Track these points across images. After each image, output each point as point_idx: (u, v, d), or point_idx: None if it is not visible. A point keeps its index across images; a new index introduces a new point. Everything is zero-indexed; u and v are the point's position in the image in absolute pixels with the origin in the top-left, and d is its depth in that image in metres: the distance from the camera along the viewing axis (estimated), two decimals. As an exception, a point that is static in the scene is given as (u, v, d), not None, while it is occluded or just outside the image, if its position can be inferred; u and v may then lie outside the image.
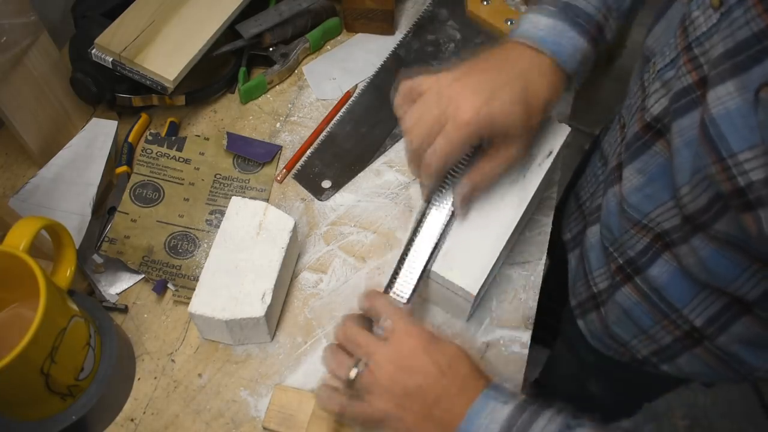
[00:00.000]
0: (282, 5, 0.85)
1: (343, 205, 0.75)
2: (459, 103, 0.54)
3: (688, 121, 0.49)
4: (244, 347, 0.66)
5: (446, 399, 0.49)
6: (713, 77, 0.45)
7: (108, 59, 0.75)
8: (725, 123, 0.43)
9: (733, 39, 0.43)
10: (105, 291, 0.68)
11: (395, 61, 0.86)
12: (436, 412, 0.49)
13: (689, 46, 0.50)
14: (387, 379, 0.50)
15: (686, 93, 0.50)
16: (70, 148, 0.76)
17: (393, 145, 0.79)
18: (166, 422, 0.62)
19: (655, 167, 0.56)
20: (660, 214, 0.57)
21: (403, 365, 0.50)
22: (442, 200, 0.62)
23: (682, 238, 0.55)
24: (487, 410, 0.48)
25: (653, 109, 0.56)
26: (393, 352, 0.51)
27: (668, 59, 0.54)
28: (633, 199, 0.59)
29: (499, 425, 0.47)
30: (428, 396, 0.49)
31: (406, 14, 0.91)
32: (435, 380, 0.50)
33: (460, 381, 0.50)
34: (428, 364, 0.50)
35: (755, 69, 0.41)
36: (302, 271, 0.70)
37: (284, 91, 0.84)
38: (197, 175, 0.76)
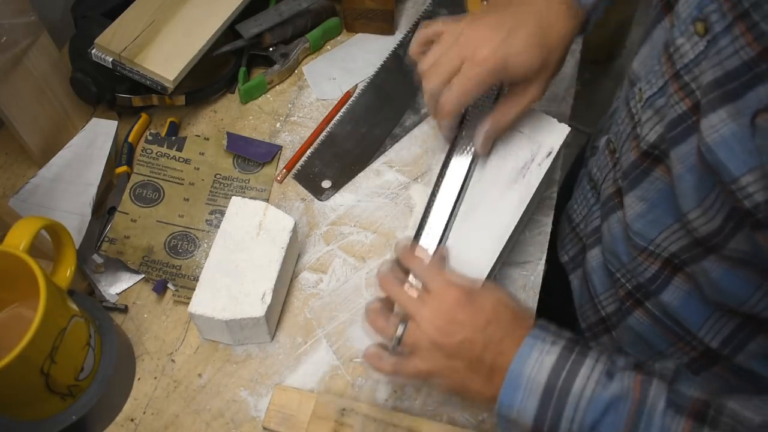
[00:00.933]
0: (282, 5, 0.85)
1: (343, 205, 0.75)
2: (476, 43, 0.54)
3: (688, 147, 0.49)
4: (244, 347, 0.66)
5: (493, 346, 0.50)
6: (704, 105, 0.45)
7: (108, 59, 0.75)
8: (722, 150, 0.43)
9: (722, 68, 0.43)
10: (105, 291, 0.68)
11: (395, 61, 0.86)
12: (485, 360, 0.50)
13: (678, 73, 0.50)
14: (434, 333, 0.51)
15: (682, 120, 0.50)
16: (70, 148, 0.76)
17: (393, 145, 0.79)
18: (166, 422, 0.62)
19: (656, 193, 0.56)
20: (666, 238, 0.57)
21: (447, 318, 0.51)
22: (464, 147, 0.62)
23: (693, 259, 0.55)
24: (536, 352, 0.49)
25: (648, 137, 0.55)
26: (436, 306, 0.52)
27: (656, 87, 0.54)
28: (637, 225, 0.59)
29: (548, 370, 0.48)
30: (476, 346, 0.50)
31: (406, 14, 0.91)
32: (481, 330, 0.50)
33: (505, 326, 0.51)
34: (472, 315, 0.51)
35: (749, 95, 0.41)
36: (302, 271, 0.70)
37: (284, 91, 0.84)
38: (197, 175, 0.76)
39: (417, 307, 0.52)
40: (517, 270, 0.70)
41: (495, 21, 0.56)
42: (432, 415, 0.62)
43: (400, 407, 0.62)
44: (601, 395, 0.47)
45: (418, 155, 0.78)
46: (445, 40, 0.57)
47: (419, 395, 0.63)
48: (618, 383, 0.47)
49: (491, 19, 0.56)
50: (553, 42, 0.56)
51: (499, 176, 0.63)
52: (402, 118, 0.80)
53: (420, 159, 0.78)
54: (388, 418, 0.60)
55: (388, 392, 0.63)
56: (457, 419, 0.62)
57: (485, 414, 0.62)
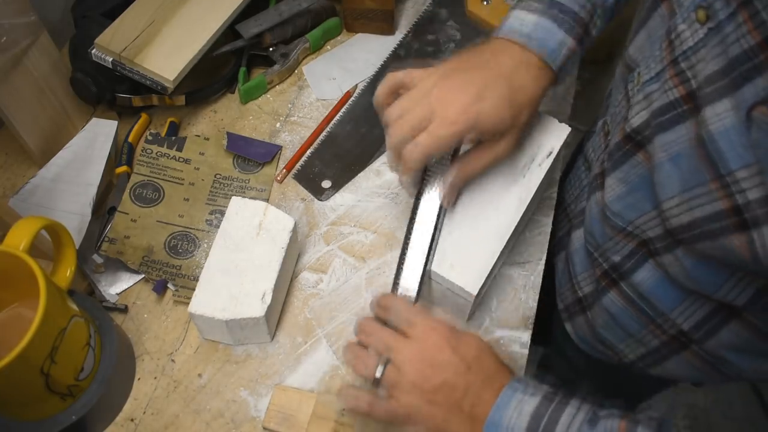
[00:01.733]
0: (282, 5, 0.85)
1: (343, 205, 0.75)
2: (446, 102, 0.54)
3: (674, 135, 0.49)
4: (244, 347, 0.66)
5: (473, 392, 0.50)
6: (709, 94, 0.45)
7: (108, 59, 0.75)
8: (723, 140, 0.43)
9: (726, 56, 0.43)
10: (105, 291, 0.68)
11: (395, 61, 0.86)
12: (464, 406, 0.49)
13: (675, 60, 0.50)
14: (414, 374, 0.50)
15: (672, 107, 0.50)
16: (70, 148, 0.76)
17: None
18: (166, 422, 0.62)
19: (636, 177, 0.56)
20: (644, 222, 0.57)
21: (428, 361, 0.51)
22: (431, 194, 0.62)
23: (666, 248, 0.55)
24: (515, 401, 0.49)
25: (633, 120, 0.56)
26: (417, 348, 0.51)
27: (653, 72, 0.54)
28: (616, 206, 0.59)
29: (528, 416, 0.48)
30: (456, 390, 0.50)
31: (406, 14, 0.91)
32: (461, 374, 0.50)
33: (485, 373, 0.51)
34: (454, 358, 0.51)
35: (746, 87, 0.41)
36: (302, 271, 0.70)
37: (284, 91, 0.84)
38: (197, 175, 0.76)
39: (400, 344, 0.52)
40: (517, 270, 0.70)
41: (466, 81, 0.55)
42: (432, 415, 0.62)
43: (400, 407, 0.62)
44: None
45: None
46: (413, 94, 0.56)
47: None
48: (602, 430, 0.47)
49: (462, 79, 0.56)
50: (523, 101, 0.57)
51: (499, 176, 0.63)
52: (402, 118, 0.80)
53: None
54: (388, 418, 0.60)
55: (388, 392, 0.63)
56: (457, 419, 0.62)
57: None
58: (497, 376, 0.51)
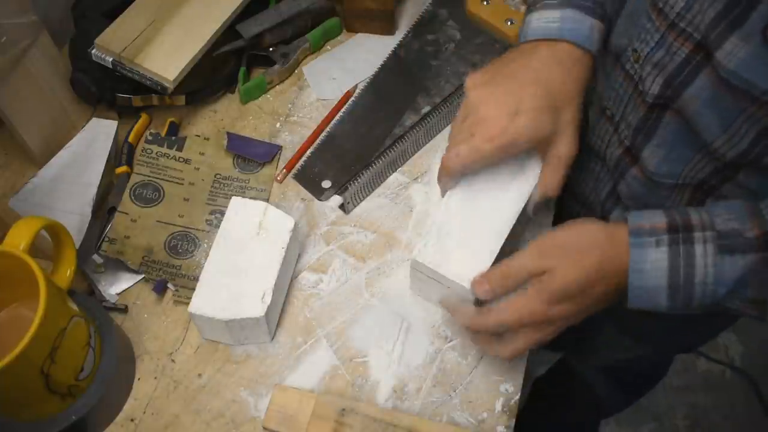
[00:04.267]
0: (282, 5, 0.85)
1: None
2: (487, 117, 0.57)
3: (699, 84, 0.53)
4: (244, 347, 0.66)
5: (605, 281, 0.53)
6: (715, 38, 0.49)
7: (108, 59, 0.75)
8: (745, 71, 0.48)
9: (721, 1, 0.48)
10: (105, 291, 0.68)
11: (395, 61, 0.86)
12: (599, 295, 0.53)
13: (672, 23, 0.54)
14: (541, 323, 0.54)
15: (687, 62, 0.54)
16: (70, 148, 0.76)
17: (393, 146, 0.79)
18: (166, 422, 0.62)
19: (671, 134, 0.59)
20: (691, 169, 0.60)
21: (553, 298, 0.53)
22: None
23: (723, 180, 0.59)
24: (649, 263, 0.52)
25: (652, 89, 0.58)
26: (537, 296, 0.53)
27: (653, 42, 0.57)
28: (663, 169, 0.62)
29: (666, 272, 0.51)
30: (584, 307, 0.54)
31: (406, 14, 0.91)
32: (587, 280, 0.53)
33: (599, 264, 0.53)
34: (568, 282, 0.53)
35: (753, 16, 0.46)
36: (302, 271, 0.70)
37: (284, 91, 0.84)
38: (197, 175, 0.76)
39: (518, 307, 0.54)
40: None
41: (505, 93, 0.58)
42: (432, 415, 0.62)
43: (400, 407, 0.62)
44: (725, 275, 0.50)
45: (419, 155, 0.78)
46: (458, 116, 0.60)
47: (419, 395, 0.63)
48: (740, 266, 0.50)
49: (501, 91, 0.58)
50: (564, 100, 0.59)
51: (499, 171, 0.63)
52: (402, 118, 0.80)
53: (420, 159, 0.78)
54: (388, 418, 0.60)
55: (388, 392, 0.63)
56: (457, 419, 0.62)
57: (485, 414, 0.62)
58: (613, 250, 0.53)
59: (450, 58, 0.85)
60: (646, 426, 1.46)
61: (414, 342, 0.66)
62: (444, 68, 0.84)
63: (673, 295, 0.51)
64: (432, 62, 0.85)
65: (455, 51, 0.86)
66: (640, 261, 0.52)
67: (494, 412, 0.62)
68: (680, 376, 1.48)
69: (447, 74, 0.83)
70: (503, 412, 0.62)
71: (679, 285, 0.51)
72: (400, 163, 0.78)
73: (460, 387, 0.63)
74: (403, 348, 0.66)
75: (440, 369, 0.64)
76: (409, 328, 0.67)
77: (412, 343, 0.66)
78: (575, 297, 0.53)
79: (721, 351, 1.55)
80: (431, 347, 0.66)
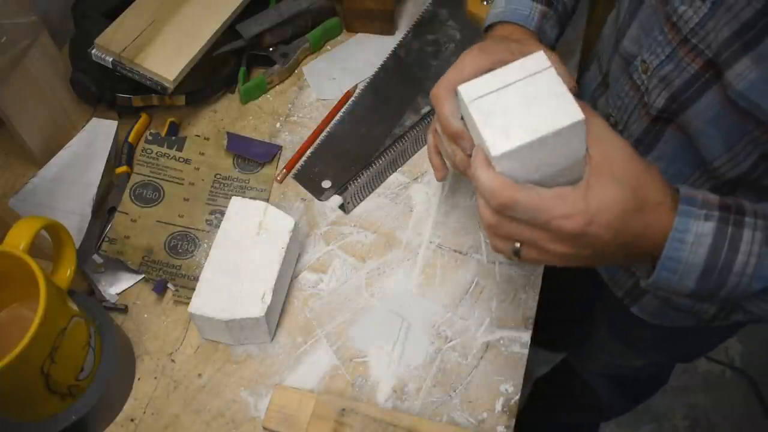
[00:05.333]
0: (282, 5, 0.85)
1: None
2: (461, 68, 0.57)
3: (705, 102, 0.53)
4: (244, 347, 0.66)
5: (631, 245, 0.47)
6: (727, 58, 0.49)
7: (108, 59, 0.75)
8: (754, 93, 0.47)
9: (738, 20, 0.47)
10: (105, 291, 0.68)
11: (395, 61, 0.86)
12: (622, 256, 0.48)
13: (685, 38, 0.53)
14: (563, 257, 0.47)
15: (696, 79, 0.53)
16: (70, 148, 0.76)
17: (393, 146, 0.79)
18: (166, 422, 0.62)
19: (671, 149, 0.59)
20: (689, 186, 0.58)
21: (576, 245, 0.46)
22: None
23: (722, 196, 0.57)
24: (692, 235, 0.46)
25: (657, 103, 0.58)
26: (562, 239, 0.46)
27: (663, 55, 0.56)
28: None
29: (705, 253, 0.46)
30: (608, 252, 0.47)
31: (406, 14, 0.91)
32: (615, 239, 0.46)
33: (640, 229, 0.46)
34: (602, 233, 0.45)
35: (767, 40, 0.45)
36: (302, 271, 0.70)
37: (284, 91, 0.84)
38: (197, 175, 0.76)
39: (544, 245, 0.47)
40: (517, 270, 0.70)
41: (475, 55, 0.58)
42: (432, 415, 0.62)
43: (400, 407, 0.62)
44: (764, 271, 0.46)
45: (419, 155, 0.78)
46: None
47: (419, 395, 0.63)
48: None
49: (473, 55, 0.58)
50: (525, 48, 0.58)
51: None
52: (402, 118, 0.80)
53: (420, 159, 0.78)
54: (388, 418, 0.60)
55: (388, 392, 0.63)
56: (457, 419, 0.62)
57: (485, 414, 0.62)
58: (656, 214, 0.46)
59: (450, 58, 0.85)
60: (645, 426, 1.46)
61: (414, 342, 0.66)
62: (444, 68, 0.84)
63: (705, 278, 0.47)
64: (432, 62, 0.85)
65: (455, 51, 0.86)
66: (683, 230, 0.46)
67: (494, 412, 0.62)
68: (680, 377, 1.48)
69: (447, 74, 0.84)
70: (503, 412, 0.62)
71: (715, 268, 0.46)
72: (400, 163, 0.78)
73: (460, 387, 0.63)
74: (403, 348, 0.66)
75: (440, 369, 0.64)
76: (409, 328, 0.67)
77: (412, 343, 0.66)
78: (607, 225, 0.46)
79: (721, 351, 1.55)
80: (431, 347, 0.66)
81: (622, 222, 0.46)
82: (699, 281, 0.47)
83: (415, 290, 0.69)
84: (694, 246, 0.46)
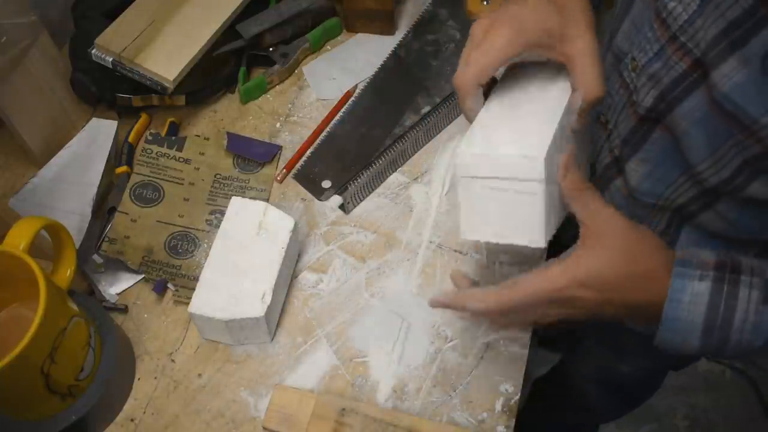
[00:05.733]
0: (282, 5, 0.85)
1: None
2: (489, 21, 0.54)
3: (692, 103, 0.52)
4: (244, 347, 0.66)
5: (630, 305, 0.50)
6: (713, 58, 0.47)
7: (108, 59, 0.75)
8: (738, 95, 0.46)
9: (725, 19, 0.46)
10: (105, 291, 0.68)
11: (395, 61, 0.86)
12: (624, 312, 0.50)
13: (674, 36, 0.52)
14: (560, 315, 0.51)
15: (683, 78, 0.52)
16: (70, 148, 0.76)
17: (393, 146, 0.79)
18: (166, 422, 0.62)
19: (658, 151, 0.58)
20: (673, 191, 0.59)
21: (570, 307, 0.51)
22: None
23: (704, 207, 0.57)
24: (688, 295, 0.48)
25: (645, 102, 0.57)
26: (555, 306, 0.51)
27: (651, 53, 0.55)
28: (644, 186, 0.61)
29: (704, 308, 0.48)
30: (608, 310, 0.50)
31: (406, 14, 0.91)
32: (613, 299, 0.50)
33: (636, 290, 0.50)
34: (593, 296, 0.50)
35: (753, 41, 0.44)
36: (302, 271, 0.70)
37: (284, 91, 0.84)
38: (197, 175, 0.76)
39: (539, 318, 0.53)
40: (517, 270, 0.70)
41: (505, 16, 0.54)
42: (432, 415, 0.62)
43: (400, 407, 0.62)
44: (763, 326, 0.47)
45: (418, 155, 0.78)
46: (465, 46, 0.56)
47: (419, 395, 0.63)
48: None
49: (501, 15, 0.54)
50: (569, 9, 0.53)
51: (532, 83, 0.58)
52: (402, 118, 0.80)
53: (420, 159, 0.78)
54: (388, 418, 0.60)
55: (388, 392, 0.63)
56: (457, 419, 0.62)
57: (485, 414, 0.62)
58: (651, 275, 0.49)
59: (450, 58, 0.85)
60: (646, 426, 1.45)
61: (414, 342, 0.66)
62: (444, 68, 0.84)
63: (707, 336, 0.48)
64: (432, 62, 0.85)
65: (455, 51, 0.86)
66: (680, 290, 0.48)
67: (494, 412, 0.62)
68: (680, 376, 1.48)
69: (447, 74, 0.83)
70: (503, 412, 0.62)
71: (715, 326, 0.48)
72: (400, 163, 0.78)
73: (460, 387, 0.63)
74: (403, 348, 0.66)
75: (440, 369, 0.64)
76: (409, 328, 0.67)
77: (412, 343, 0.66)
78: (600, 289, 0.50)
79: (721, 351, 1.55)
80: (431, 347, 0.66)
81: (616, 285, 0.49)
82: (702, 339, 0.49)
83: (415, 290, 0.69)
84: (692, 305, 0.48)
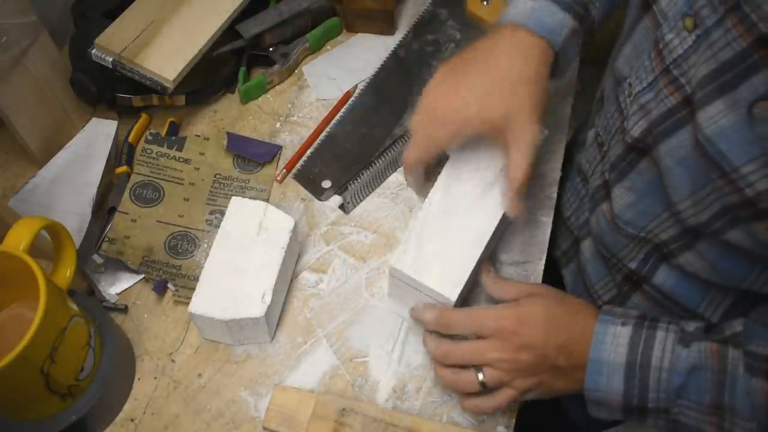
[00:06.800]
0: (282, 5, 0.85)
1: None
2: (436, 105, 0.59)
3: (677, 140, 0.50)
4: (244, 347, 0.66)
5: (563, 350, 0.54)
6: (701, 98, 0.46)
7: (108, 59, 0.74)
8: (722, 140, 0.45)
9: (716, 60, 0.45)
10: (105, 291, 0.68)
11: (395, 61, 0.86)
12: (561, 365, 0.55)
13: (667, 68, 0.51)
14: (509, 364, 0.55)
15: (671, 114, 0.51)
16: (70, 148, 0.76)
17: (393, 146, 0.79)
18: (166, 422, 0.62)
19: (644, 183, 0.57)
20: (656, 226, 0.58)
21: (513, 351, 0.55)
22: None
23: (684, 247, 0.56)
24: (610, 336, 0.54)
25: (633, 131, 0.56)
26: (498, 343, 0.55)
27: (645, 83, 0.55)
28: (627, 215, 0.60)
29: (626, 347, 0.53)
30: (548, 359, 0.54)
31: (406, 14, 0.91)
32: (543, 345, 0.54)
33: (564, 329, 0.55)
34: (530, 335, 0.55)
35: (743, 86, 0.43)
36: (302, 271, 0.70)
37: (284, 91, 0.84)
38: (197, 175, 0.76)
39: (482, 351, 0.56)
40: (517, 270, 0.70)
41: (454, 84, 0.59)
42: (432, 415, 0.62)
43: (400, 407, 0.62)
44: (679, 365, 0.51)
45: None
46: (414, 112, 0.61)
47: (419, 395, 0.63)
48: (695, 353, 0.51)
49: (451, 82, 0.59)
50: (517, 86, 0.57)
51: (476, 180, 0.63)
52: (402, 118, 0.80)
53: (420, 159, 0.78)
54: (388, 418, 0.60)
55: (388, 392, 0.63)
56: (457, 419, 0.62)
57: (485, 414, 0.62)
58: (578, 319, 0.55)
59: (450, 58, 0.85)
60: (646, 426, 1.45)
61: (414, 342, 0.66)
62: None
63: (630, 376, 0.52)
64: (432, 62, 0.85)
65: (455, 51, 0.86)
66: (603, 333, 0.54)
67: (494, 412, 0.62)
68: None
69: (447, 74, 0.83)
70: (503, 412, 0.62)
71: (635, 363, 0.52)
72: (400, 163, 0.78)
73: (460, 387, 0.63)
74: (403, 348, 0.66)
75: (440, 369, 0.64)
76: (409, 328, 0.67)
77: (412, 343, 0.66)
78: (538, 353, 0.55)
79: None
80: (431, 347, 0.66)
81: (551, 323, 0.55)
82: (625, 380, 0.52)
83: (415, 290, 0.69)
84: (614, 345, 0.53)
